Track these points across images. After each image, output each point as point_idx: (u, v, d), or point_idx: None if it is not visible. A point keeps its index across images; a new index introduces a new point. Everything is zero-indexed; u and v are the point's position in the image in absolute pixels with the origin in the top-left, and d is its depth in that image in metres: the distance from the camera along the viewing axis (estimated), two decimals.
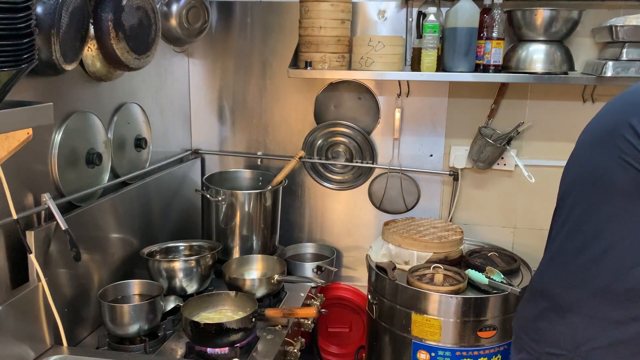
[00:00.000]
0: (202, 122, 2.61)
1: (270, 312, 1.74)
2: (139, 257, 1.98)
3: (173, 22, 2.18)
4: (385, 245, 2.21)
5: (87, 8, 1.57)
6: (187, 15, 2.19)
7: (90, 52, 1.68)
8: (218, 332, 1.61)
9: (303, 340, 1.83)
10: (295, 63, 2.28)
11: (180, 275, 1.93)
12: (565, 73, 2.09)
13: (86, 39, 1.60)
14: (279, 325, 1.80)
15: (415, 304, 1.95)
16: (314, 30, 2.16)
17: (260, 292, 1.92)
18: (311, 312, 1.74)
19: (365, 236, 2.56)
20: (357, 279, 2.62)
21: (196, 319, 1.73)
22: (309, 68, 2.18)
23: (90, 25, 1.61)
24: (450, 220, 2.44)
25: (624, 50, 1.97)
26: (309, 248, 2.59)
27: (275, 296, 1.98)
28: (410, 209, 2.50)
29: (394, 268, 2.11)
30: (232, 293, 1.83)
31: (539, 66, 2.07)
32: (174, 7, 2.17)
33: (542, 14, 2.02)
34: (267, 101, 2.54)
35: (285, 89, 2.50)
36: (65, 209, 1.67)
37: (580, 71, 2.18)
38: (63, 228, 1.55)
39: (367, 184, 2.53)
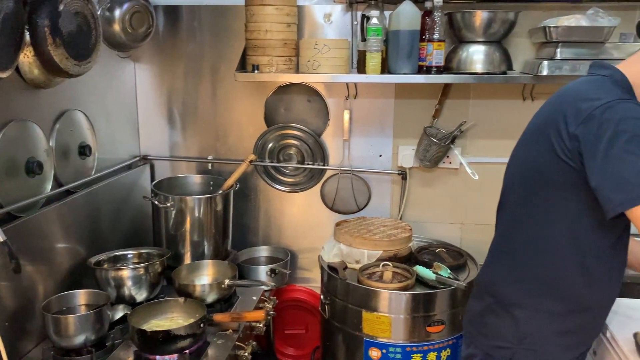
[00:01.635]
0: (151, 127, 2.58)
1: (218, 317, 1.74)
2: (87, 267, 1.94)
3: (116, 27, 2.15)
4: (337, 245, 2.24)
5: (21, 14, 1.53)
6: (130, 21, 2.17)
7: (27, 58, 1.65)
8: (166, 339, 1.60)
9: (255, 343, 1.84)
10: (242, 67, 2.29)
11: (129, 283, 1.91)
12: (504, 72, 2.16)
13: (21, 46, 1.56)
14: (230, 330, 1.80)
15: (366, 302, 1.98)
16: (259, 34, 2.17)
17: (211, 298, 1.92)
18: (259, 315, 1.75)
19: (319, 237, 2.58)
20: (313, 280, 2.64)
21: (145, 326, 1.72)
22: (256, 71, 2.19)
23: (26, 31, 1.58)
24: (400, 219, 2.49)
25: (558, 50, 2.05)
26: (263, 251, 2.60)
27: (226, 301, 1.98)
28: (362, 209, 2.54)
29: (345, 268, 2.13)
30: (181, 299, 1.82)
31: (479, 66, 2.13)
32: (117, 13, 2.14)
33: (480, 16, 2.09)
34: (217, 105, 2.53)
35: (235, 92, 2.50)
36: (4, 220, 1.63)
37: (519, 70, 2.26)
38: (1, 239, 1.50)
39: (319, 185, 2.56)
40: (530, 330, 1.39)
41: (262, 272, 2.35)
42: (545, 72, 2.04)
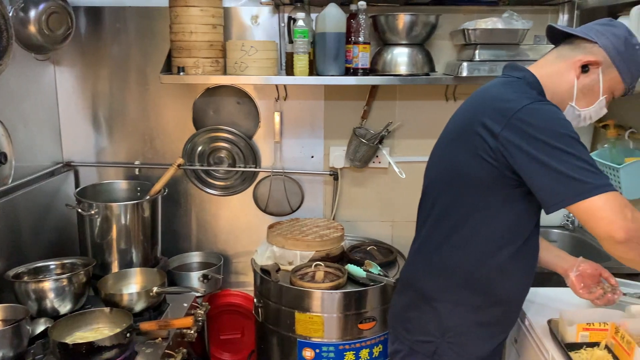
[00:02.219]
0: (74, 133, 2.48)
1: (145, 326, 1.69)
2: (5, 281, 1.84)
3: (32, 28, 2.06)
4: (269, 247, 2.23)
5: None
6: (47, 22, 2.08)
7: None
8: (89, 351, 1.55)
9: (185, 350, 1.80)
10: (168, 68, 2.24)
11: (51, 295, 1.82)
12: (427, 74, 2.22)
13: None
14: (160, 338, 1.76)
15: (298, 303, 1.99)
16: (184, 35, 2.13)
17: (139, 306, 1.86)
18: (187, 321, 1.71)
19: (253, 240, 2.56)
20: (248, 284, 2.62)
21: (69, 339, 1.65)
22: (181, 73, 2.15)
23: None
24: (333, 219, 2.51)
25: (477, 52, 2.13)
26: (195, 257, 2.56)
27: (156, 309, 1.93)
28: (295, 210, 2.54)
29: (278, 270, 2.13)
30: (107, 309, 1.76)
31: (403, 68, 2.19)
32: (32, 13, 2.05)
33: (403, 19, 2.14)
34: (144, 108, 2.47)
35: (162, 95, 2.45)
36: None
37: (441, 72, 2.33)
38: None
39: (251, 188, 2.54)
40: (452, 324, 1.43)
41: (194, 278, 2.32)
42: (465, 73, 2.11)
